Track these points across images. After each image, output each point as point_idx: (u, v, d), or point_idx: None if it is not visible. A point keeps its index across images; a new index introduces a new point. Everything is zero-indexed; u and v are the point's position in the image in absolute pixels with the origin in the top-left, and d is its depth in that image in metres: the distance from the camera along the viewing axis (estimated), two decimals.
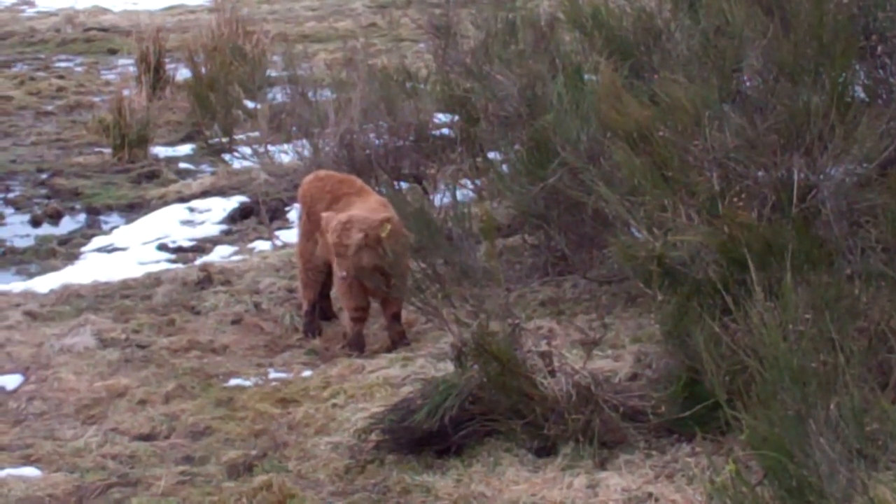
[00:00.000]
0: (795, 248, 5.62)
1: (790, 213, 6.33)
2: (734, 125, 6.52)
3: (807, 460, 3.95)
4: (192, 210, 11.32)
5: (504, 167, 8.74)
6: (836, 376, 4.21)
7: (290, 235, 10.22)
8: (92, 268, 9.88)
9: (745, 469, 4.46)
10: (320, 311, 8.15)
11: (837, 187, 6.40)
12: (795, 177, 6.42)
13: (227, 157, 12.73)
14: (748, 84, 6.96)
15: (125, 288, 9.23)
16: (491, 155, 9.30)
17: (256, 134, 12.18)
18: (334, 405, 6.96)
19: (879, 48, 6.90)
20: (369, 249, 7.26)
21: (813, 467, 3.94)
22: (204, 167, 12.92)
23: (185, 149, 13.62)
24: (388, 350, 7.66)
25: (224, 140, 12.99)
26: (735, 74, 6.94)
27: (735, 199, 6.37)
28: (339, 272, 7.39)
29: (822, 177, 6.45)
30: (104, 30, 20.38)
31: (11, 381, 7.61)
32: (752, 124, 6.55)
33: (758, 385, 4.16)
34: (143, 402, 7.20)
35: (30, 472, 6.40)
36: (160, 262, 10.02)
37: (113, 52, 18.92)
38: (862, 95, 7.04)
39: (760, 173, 6.57)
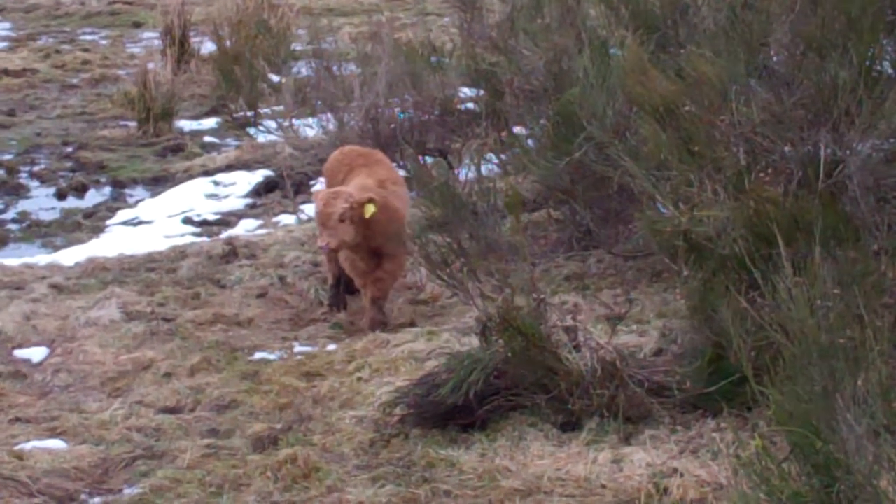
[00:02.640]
0: (822, 223, 5.59)
1: (817, 189, 6.31)
2: (761, 100, 6.49)
3: (833, 436, 3.94)
4: (216, 184, 11.34)
5: (529, 142, 8.73)
6: (864, 352, 4.18)
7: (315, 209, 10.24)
8: (117, 241, 9.92)
9: (771, 445, 4.45)
10: (345, 285, 8.15)
11: (864, 163, 6.38)
12: (822, 152, 6.39)
13: (251, 130, 12.74)
14: (775, 59, 6.93)
15: (150, 261, 9.26)
16: (516, 129, 9.29)
17: (281, 108, 12.18)
18: (359, 379, 6.97)
19: None
20: (351, 224, 7.30)
21: (839, 443, 3.93)
22: (229, 141, 12.93)
23: (210, 122, 13.64)
24: (410, 325, 7.67)
25: (249, 114, 13.01)
26: (762, 49, 6.90)
27: (761, 175, 6.35)
28: (319, 242, 7.42)
29: (848, 152, 6.43)
30: (129, 3, 20.39)
31: (37, 353, 7.64)
32: (778, 99, 6.52)
33: (784, 360, 4.14)
34: (168, 375, 7.23)
35: (55, 444, 6.44)
36: (185, 236, 10.05)
37: (138, 25, 18.94)
38: (890, 71, 6.99)
39: (787, 148, 6.55)
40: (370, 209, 7.26)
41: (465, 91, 10.50)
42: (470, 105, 10.38)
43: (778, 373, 4.18)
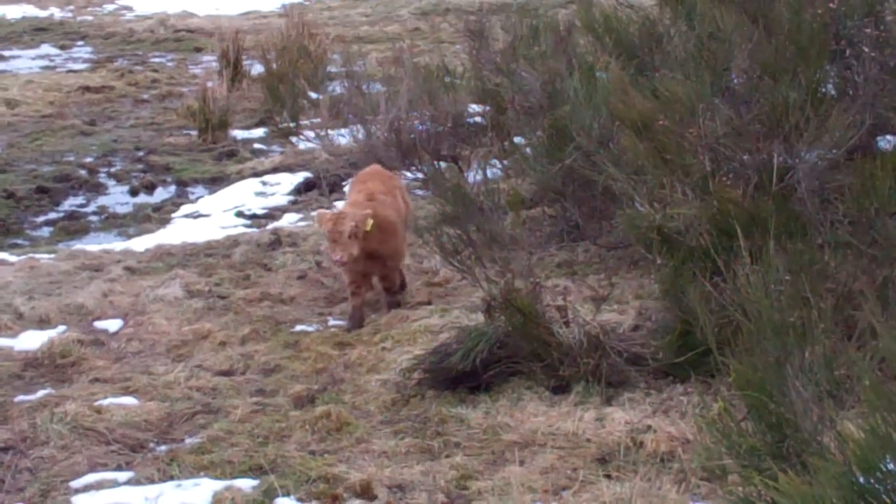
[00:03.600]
0: (775, 220, 5.56)
1: (770, 191, 6.27)
2: (724, 116, 6.44)
3: (784, 400, 3.92)
4: (264, 183, 11.32)
5: (528, 150, 8.69)
6: (810, 329, 4.16)
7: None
8: (181, 231, 9.90)
9: (731, 407, 4.42)
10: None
11: (811, 169, 6.33)
12: (775, 160, 6.35)
13: (293, 139, 12.71)
14: (736, 81, 6.87)
15: (208, 248, 9.24)
16: (516, 139, 9.24)
17: (318, 120, 12.15)
18: (383, 348, 6.96)
19: (848, 51, 6.81)
20: (357, 239, 7.19)
21: (789, 406, 3.91)
22: (274, 147, 12.90)
23: (259, 132, 13.61)
24: (426, 303, 7.65)
25: (291, 125, 12.97)
26: (725, 73, 6.85)
27: (724, 179, 6.32)
28: (334, 257, 7.24)
29: (798, 160, 6.38)
30: (191, 31, 20.37)
31: (113, 324, 7.64)
32: (738, 115, 6.47)
33: (743, 335, 4.12)
34: (223, 344, 7.22)
35: (128, 400, 6.43)
36: (237, 227, 10.03)
37: (198, 50, 18.91)
38: (833, 92, 6.94)
39: (745, 157, 6.50)
40: (369, 223, 7.21)
41: (474, 107, 10.46)
42: (478, 119, 10.33)
43: (737, 346, 4.15)
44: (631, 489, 4.87)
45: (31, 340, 7.29)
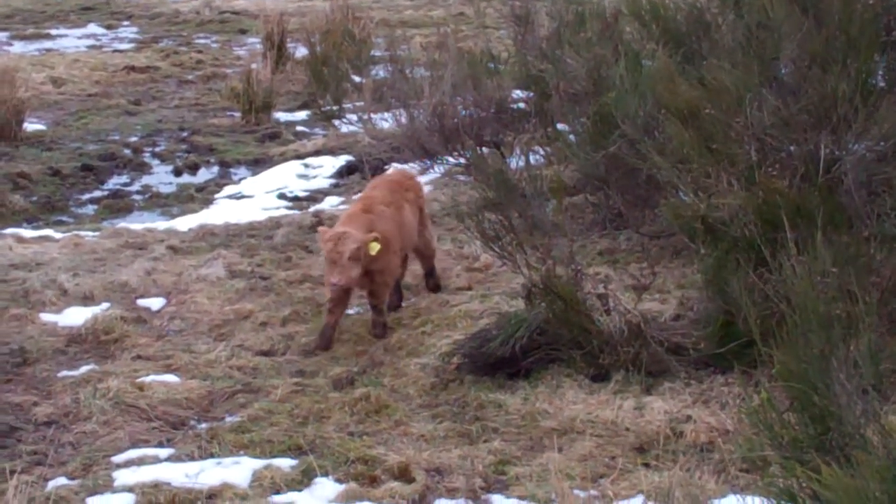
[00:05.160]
0: (821, 212, 5.52)
1: (817, 183, 6.23)
2: (771, 106, 6.40)
3: (828, 392, 3.89)
4: (306, 166, 11.34)
5: (571, 137, 8.67)
6: (855, 322, 4.13)
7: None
8: (223, 212, 9.94)
9: (773, 398, 4.39)
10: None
11: (858, 161, 6.29)
12: (822, 151, 6.31)
13: (336, 122, 12.72)
14: (784, 71, 6.83)
15: (251, 229, 9.28)
16: (560, 126, 9.22)
17: (361, 104, 12.16)
18: (423, 332, 6.97)
19: None
20: (358, 261, 6.72)
21: (833, 398, 3.88)
22: (317, 130, 12.92)
23: (302, 115, 13.63)
24: (467, 289, 7.64)
25: (334, 108, 12.98)
26: (773, 62, 6.81)
27: (770, 169, 6.29)
28: (332, 279, 6.74)
29: (845, 152, 6.34)
30: (236, 13, 20.41)
31: (156, 303, 7.69)
32: (786, 105, 6.43)
33: (787, 327, 4.08)
34: (264, 324, 7.25)
35: (170, 378, 6.48)
36: (280, 209, 10.06)
37: (243, 31, 18.95)
38: (882, 83, 6.88)
39: (792, 147, 6.47)
40: (375, 247, 6.73)
41: (517, 92, 10.42)
42: (521, 105, 10.30)
43: (781, 337, 4.12)
44: (669, 479, 4.85)
45: (75, 316, 7.36)
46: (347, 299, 7.08)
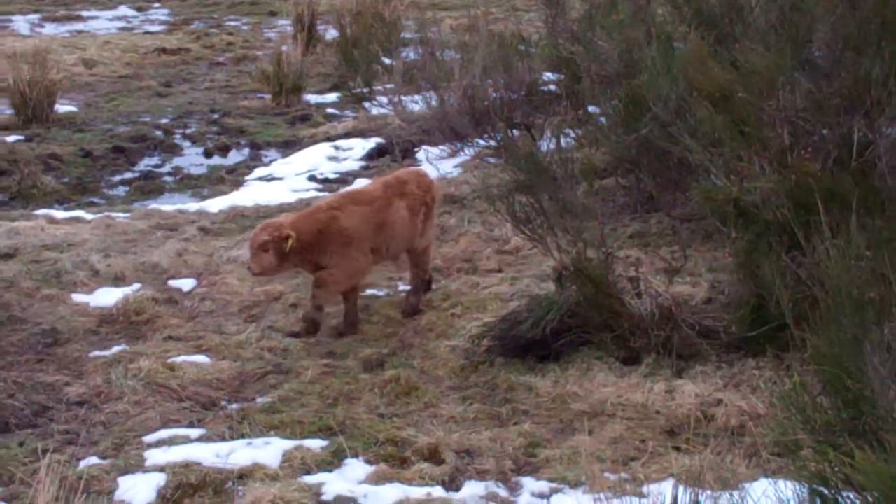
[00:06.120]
0: (854, 196, 5.47)
1: (850, 166, 6.18)
2: (804, 89, 6.35)
3: (861, 376, 3.86)
4: (336, 148, 11.35)
5: (602, 119, 8.63)
6: (889, 306, 4.09)
7: None
8: (254, 193, 9.97)
9: (805, 382, 4.37)
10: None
11: (892, 145, 6.24)
12: (855, 135, 6.26)
13: (366, 104, 12.72)
14: (817, 54, 6.77)
15: (281, 210, 9.28)
16: (591, 108, 9.19)
17: (392, 86, 12.15)
18: (453, 314, 6.97)
19: None
20: (275, 254, 6.65)
21: (866, 382, 3.85)
22: (347, 112, 12.93)
23: (332, 97, 13.65)
24: (497, 271, 7.63)
25: (365, 90, 12.97)
26: (806, 45, 6.75)
27: (802, 153, 6.24)
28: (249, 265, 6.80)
29: (879, 136, 6.28)
30: None
31: (187, 284, 7.73)
32: (819, 89, 6.38)
33: (820, 311, 4.06)
34: (294, 306, 7.28)
35: (201, 359, 6.52)
36: (310, 191, 10.07)
37: (273, 14, 18.99)
38: None
39: (825, 131, 6.42)
40: (289, 243, 6.61)
41: (548, 75, 10.40)
42: (552, 87, 10.27)
43: (814, 321, 4.09)
44: (700, 462, 4.85)
45: (107, 297, 7.40)
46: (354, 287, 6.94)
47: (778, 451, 4.99)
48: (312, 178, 10.50)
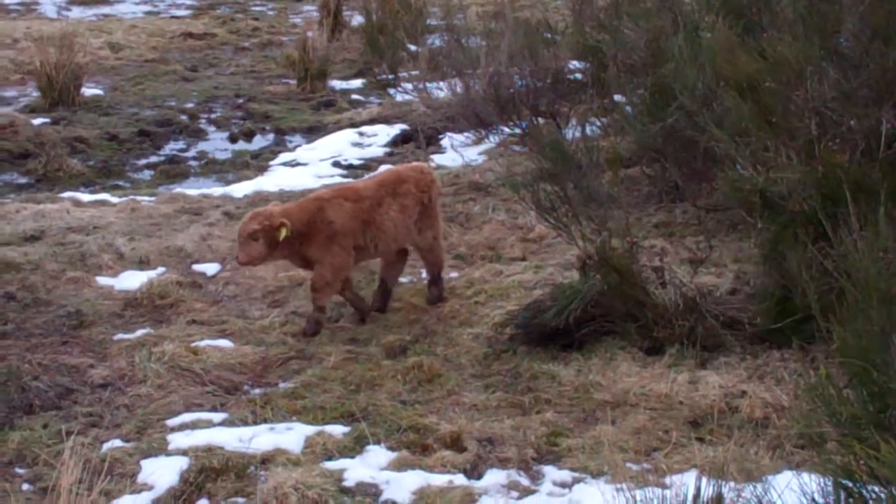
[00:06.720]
0: (883, 187, 5.43)
1: (878, 158, 6.13)
2: (832, 79, 6.31)
3: (888, 369, 3.84)
4: (361, 134, 11.34)
5: (628, 108, 8.59)
6: None
7: (443, 158, 10.21)
8: (278, 178, 9.97)
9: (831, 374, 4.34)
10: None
11: None
12: (884, 126, 6.21)
13: (391, 91, 12.72)
14: (845, 44, 6.72)
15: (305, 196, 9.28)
16: (617, 97, 9.15)
17: (417, 72, 12.14)
18: (476, 302, 6.96)
19: None
20: (265, 244, 6.54)
21: (893, 375, 3.83)
22: (372, 99, 12.92)
23: (357, 83, 13.64)
24: (520, 259, 7.61)
25: (390, 77, 12.99)
26: (834, 35, 6.70)
27: (830, 144, 6.20)
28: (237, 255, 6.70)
29: None
30: None
31: (211, 268, 7.74)
32: (847, 79, 6.34)
33: (847, 303, 4.03)
34: None
35: (224, 343, 6.53)
36: (334, 177, 10.06)
37: None
38: None
39: (853, 122, 6.37)
40: (283, 233, 6.52)
41: (574, 63, 10.37)
42: (578, 75, 10.24)
43: (840, 313, 4.06)
44: (724, 453, 4.82)
45: (131, 280, 7.43)
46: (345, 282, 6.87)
47: (802, 444, 4.97)
48: (337, 164, 10.49)
